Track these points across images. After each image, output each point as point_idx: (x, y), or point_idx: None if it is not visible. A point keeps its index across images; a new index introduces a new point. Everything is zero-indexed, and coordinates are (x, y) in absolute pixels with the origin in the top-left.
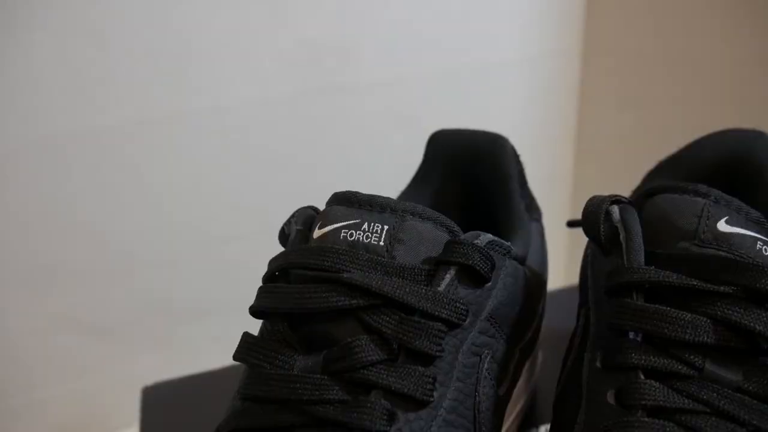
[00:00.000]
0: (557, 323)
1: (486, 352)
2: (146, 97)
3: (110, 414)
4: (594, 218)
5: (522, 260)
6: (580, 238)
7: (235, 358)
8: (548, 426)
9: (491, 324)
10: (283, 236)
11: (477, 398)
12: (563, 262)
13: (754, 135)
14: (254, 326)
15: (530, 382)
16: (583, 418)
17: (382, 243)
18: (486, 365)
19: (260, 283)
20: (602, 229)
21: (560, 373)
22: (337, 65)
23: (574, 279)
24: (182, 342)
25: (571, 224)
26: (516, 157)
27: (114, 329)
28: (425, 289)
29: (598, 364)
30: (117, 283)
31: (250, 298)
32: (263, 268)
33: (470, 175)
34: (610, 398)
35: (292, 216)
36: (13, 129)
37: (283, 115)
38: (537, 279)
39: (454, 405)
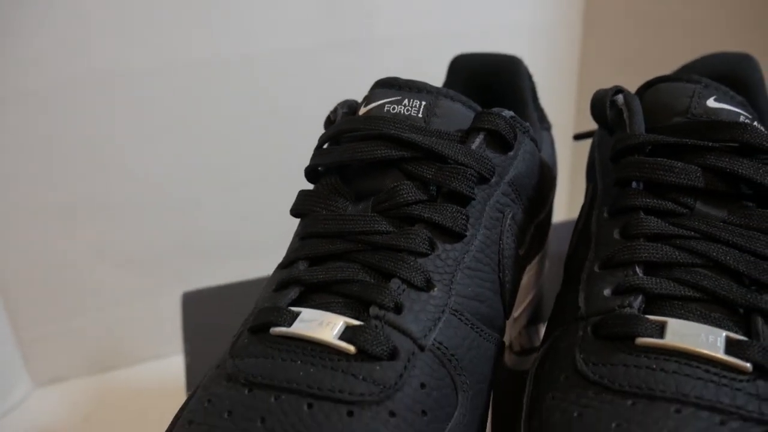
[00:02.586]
0: (560, 249)
1: (508, 210)
2: (179, 42)
3: (140, 345)
4: (601, 104)
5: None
6: (580, 176)
7: (292, 211)
8: None
9: (512, 189)
10: (329, 122)
11: (501, 245)
12: (565, 199)
13: (740, 57)
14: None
15: (539, 279)
16: (593, 255)
17: (420, 115)
18: (508, 221)
19: (285, 224)
20: (608, 113)
21: (571, 238)
22: (357, 21)
23: (574, 214)
24: (212, 279)
25: (577, 137)
26: (529, 75)
27: (146, 262)
28: (459, 146)
29: (605, 214)
30: (149, 219)
31: (276, 239)
32: (286, 213)
33: (488, 89)
34: (616, 235)
35: (338, 104)
36: (56, 67)
37: (305, 66)
38: (549, 172)
39: (482, 246)
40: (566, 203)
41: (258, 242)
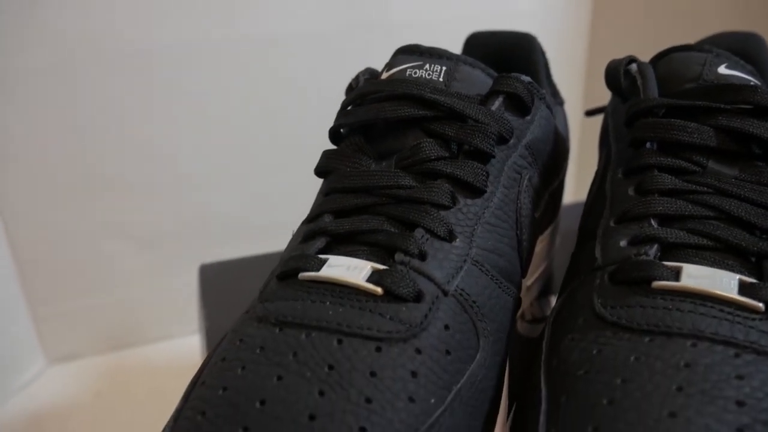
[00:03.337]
0: (569, 228)
1: (525, 172)
2: (199, 23)
3: (154, 324)
4: (615, 72)
5: None
6: (589, 160)
7: (316, 170)
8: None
9: (529, 153)
10: (350, 90)
11: (518, 204)
12: (573, 181)
13: (748, 35)
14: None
15: (551, 251)
16: (608, 212)
17: (441, 79)
18: (525, 182)
19: (300, 209)
20: (623, 81)
21: (586, 202)
22: (373, 5)
23: (583, 196)
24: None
25: (589, 113)
26: (542, 51)
27: (161, 242)
28: (480, 106)
29: (619, 175)
30: (165, 197)
31: (292, 218)
32: (301, 193)
33: (503, 65)
34: (631, 192)
35: (359, 72)
36: (81, 44)
37: (323, 48)
38: (563, 142)
39: (501, 204)
40: (574, 185)
41: (274, 222)
